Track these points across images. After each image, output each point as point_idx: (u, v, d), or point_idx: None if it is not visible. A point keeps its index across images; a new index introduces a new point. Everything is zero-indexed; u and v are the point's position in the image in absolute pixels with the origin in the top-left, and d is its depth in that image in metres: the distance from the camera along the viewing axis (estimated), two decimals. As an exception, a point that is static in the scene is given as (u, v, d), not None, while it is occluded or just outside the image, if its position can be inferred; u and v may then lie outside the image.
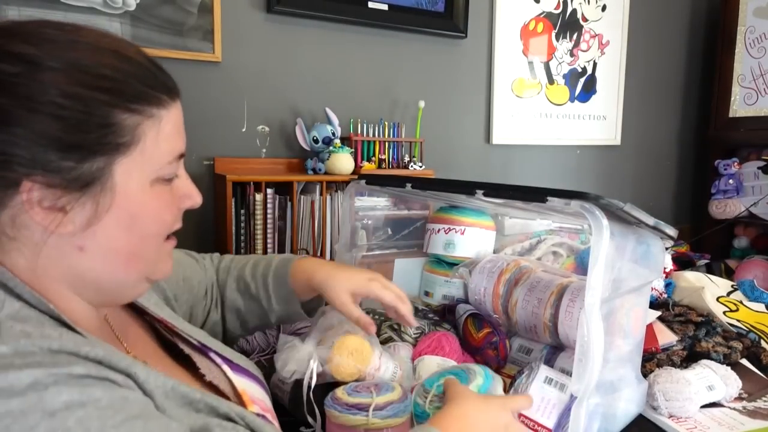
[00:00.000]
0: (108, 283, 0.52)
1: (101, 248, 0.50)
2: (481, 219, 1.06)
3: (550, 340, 0.88)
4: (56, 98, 0.44)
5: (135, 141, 0.49)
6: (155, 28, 1.79)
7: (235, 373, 0.66)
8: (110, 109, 0.47)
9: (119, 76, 0.47)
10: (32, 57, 0.44)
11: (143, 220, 0.51)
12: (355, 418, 0.64)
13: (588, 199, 0.64)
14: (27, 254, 0.48)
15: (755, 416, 0.83)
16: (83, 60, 0.46)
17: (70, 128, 0.45)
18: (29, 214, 0.46)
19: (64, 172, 0.45)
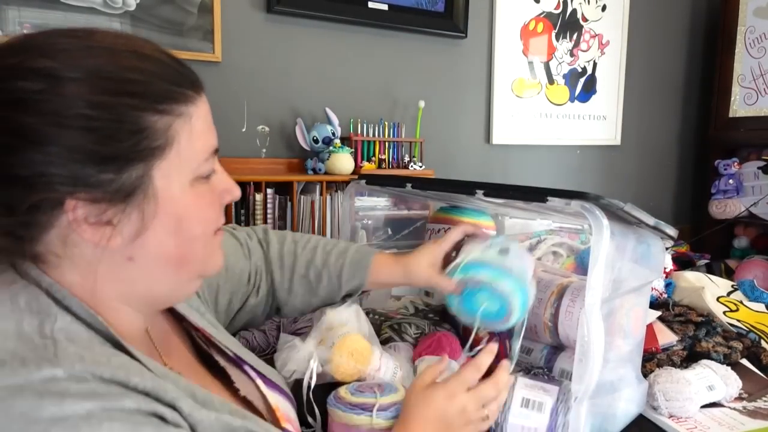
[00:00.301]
0: (160, 289, 0.52)
1: (151, 256, 0.49)
2: (481, 219, 1.06)
3: (551, 340, 0.88)
4: (84, 110, 0.43)
5: (169, 143, 0.47)
6: (155, 28, 1.79)
7: (268, 388, 0.65)
8: (140, 113, 0.45)
9: (143, 78, 0.46)
10: (51, 70, 0.43)
11: (189, 221, 0.50)
12: (358, 418, 0.64)
13: (588, 199, 0.64)
14: (77, 271, 0.47)
15: (755, 416, 0.83)
16: (103, 66, 0.44)
17: (103, 139, 0.44)
18: (77, 232, 0.45)
19: (105, 185, 0.44)
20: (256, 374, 0.66)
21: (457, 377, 0.64)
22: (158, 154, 0.47)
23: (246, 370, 0.66)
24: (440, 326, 0.99)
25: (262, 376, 0.67)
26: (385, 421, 0.64)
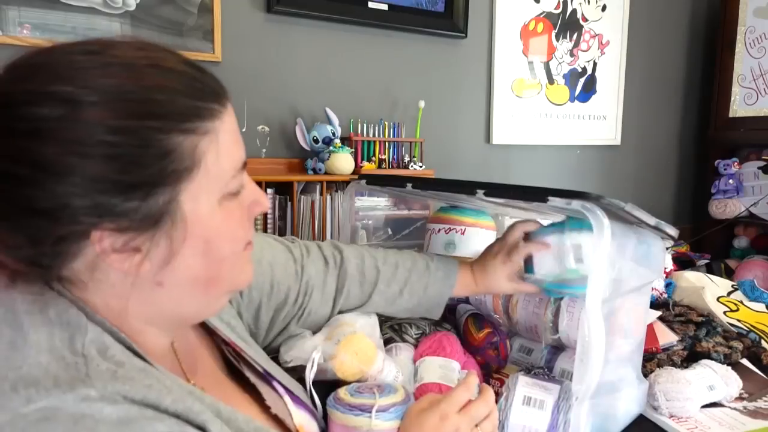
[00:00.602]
0: (188, 310, 0.51)
1: (180, 280, 0.48)
2: (481, 219, 1.06)
3: (551, 341, 0.88)
4: (105, 136, 0.40)
5: (196, 163, 0.45)
6: (155, 29, 1.79)
7: (295, 406, 0.65)
8: (164, 135, 0.43)
9: (166, 96, 0.43)
10: (69, 95, 0.40)
11: (218, 242, 0.48)
12: (357, 419, 0.64)
13: (589, 199, 0.64)
14: (103, 295, 0.47)
15: (756, 416, 0.83)
16: (124, 86, 0.42)
17: (127, 166, 0.41)
18: (105, 261, 0.44)
19: (131, 214, 0.42)
20: (284, 391, 0.65)
21: (448, 399, 0.63)
22: (185, 176, 0.44)
23: (275, 386, 0.65)
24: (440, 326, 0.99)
25: (290, 392, 0.66)
26: (384, 423, 0.64)
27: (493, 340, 0.89)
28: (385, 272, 0.83)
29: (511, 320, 0.93)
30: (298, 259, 0.80)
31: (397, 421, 0.65)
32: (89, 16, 1.68)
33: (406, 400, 0.67)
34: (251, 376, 0.62)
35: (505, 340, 0.90)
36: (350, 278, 0.82)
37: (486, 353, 0.88)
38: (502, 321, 0.96)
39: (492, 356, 0.88)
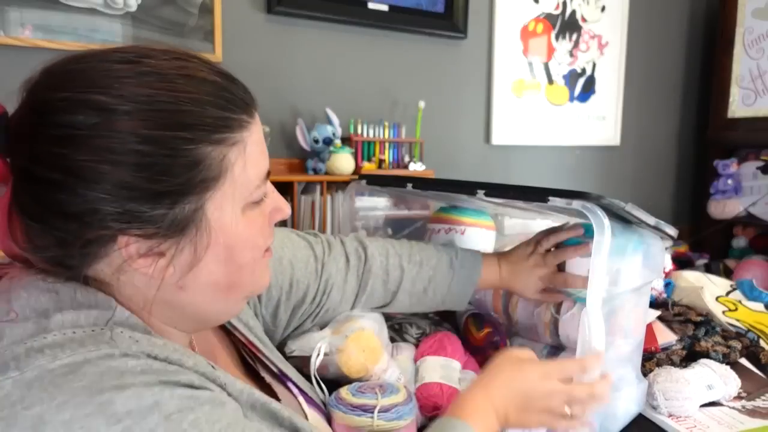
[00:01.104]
0: (208, 314, 0.53)
1: (201, 285, 0.49)
2: (481, 219, 1.06)
3: (551, 341, 0.88)
4: (138, 146, 0.42)
5: (223, 173, 0.46)
6: (156, 29, 1.79)
7: (309, 406, 0.66)
8: (195, 146, 0.44)
9: (198, 107, 0.44)
10: (103, 104, 0.42)
11: (240, 250, 0.50)
12: (359, 420, 0.64)
13: (590, 199, 0.64)
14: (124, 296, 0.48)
15: (754, 415, 0.84)
16: (157, 96, 0.43)
17: (157, 175, 0.43)
18: (130, 266, 0.46)
19: (158, 221, 0.44)
20: (298, 391, 0.66)
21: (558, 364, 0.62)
22: (212, 185, 0.46)
23: (289, 386, 0.66)
24: (441, 326, 0.99)
25: (304, 393, 0.67)
26: (386, 423, 0.64)
27: (493, 340, 0.89)
28: (410, 271, 0.83)
29: (511, 320, 0.94)
30: (319, 257, 0.80)
31: (398, 421, 0.65)
32: (90, 16, 1.68)
33: (408, 401, 0.68)
34: (266, 375, 0.63)
35: (505, 340, 0.90)
36: (374, 277, 0.82)
37: (486, 353, 0.89)
38: (501, 320, 0.96)
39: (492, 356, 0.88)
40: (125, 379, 0.40)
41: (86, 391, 0.38)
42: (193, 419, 0.41)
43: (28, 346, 0.40)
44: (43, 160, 0.42)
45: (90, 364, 0.40)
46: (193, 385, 0.43)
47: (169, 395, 0.41)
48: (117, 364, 0.40)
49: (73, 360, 0.40)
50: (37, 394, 0.38)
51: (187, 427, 0.40)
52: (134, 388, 0.40)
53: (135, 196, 0.42)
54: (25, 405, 0.38)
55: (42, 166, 0.42)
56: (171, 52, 0.47)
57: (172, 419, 0.40)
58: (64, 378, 0.39)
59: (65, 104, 0.42)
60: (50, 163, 0.42)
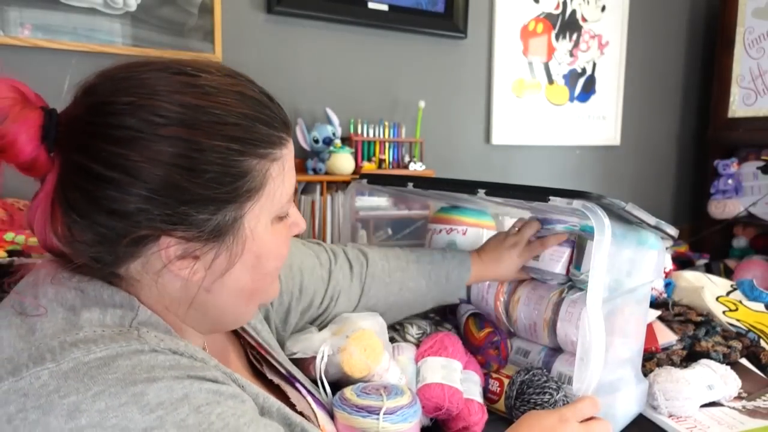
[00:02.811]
0: (228, 318, 0.55)
1: (227, 289, 0.52)
2: (482, 219, 1.06)
3: (548, 342, 0.88)
4: (193, 153, 0.45)
5: (263, 185, 0.49)
6: (156, 29, 1.79)
7: (317, 407, 0.67)
8: (243, 158, 0.47)
9: (248, 123, 0.47)
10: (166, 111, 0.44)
11: (267, 259, 0.53)
12: (365, 421, 0.64)
13: (590, 199, 0.64)
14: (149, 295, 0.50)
15: (755, 415, 0.83)
16: (213, 108, 0.46)
17: (208, 182, 0.45)
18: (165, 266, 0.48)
19: (201, 225, 0.46)
20: (306, 392, 0.67)
21: (572, 406, 0.65)
22: (253, 196, 0.49)
23: (298, 388, 0.67)
24: (441, 326, 0.99)
25: (311, 394, 0.68)
26: (392, 425, 0.64)
27: (493, 340, 0.89)
28: (410, 270, 0.88)
29: (511, 319, 0.94)
30: (324, 264, 0.83)
31: (403, 423, 0.65)
32: (90, 16, 1.68)
33: (413, 403, 0.67)
34: (275, 377, 0.64)
35: (505, 340, 0.90)
36: (377, 280, 0.86)
37: (487, 353, 0.88)
38: (500, 320, 0.96)
39: (493, 356, 0.88)
40: (156, 372, 0.42)
41: (120, 383, 0.40)
42: (221, 412, 0.43)
43: (62, 340, 0.42)
44: (102, 159, 0.43)
45: (122, 357, 0.42)
46: (217, 380, 0.46)
47: (198, 389, 0.43)
48: (147, 359, 0.42)
49: (107, 354, 0.42)
50: (73, 385, 0.40)
51: (215, 419, 0.42)
52: (165, 380, 0.42)
53: (185, 199, 0.45)
54: (62, 394, 0.39)
55: (100, 164, 0.43)
56: (222, 69, 0.50)
57: (201, 411, 0.42)
58: (98, 370, 0.41)
59: (130, 108, 0.44)
60: (110, 162, 0.43)
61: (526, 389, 0.78)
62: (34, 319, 0.44)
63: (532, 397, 0.77)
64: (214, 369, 0.47)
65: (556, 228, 0.88)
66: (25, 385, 0.40)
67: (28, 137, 0.43)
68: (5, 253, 1.16)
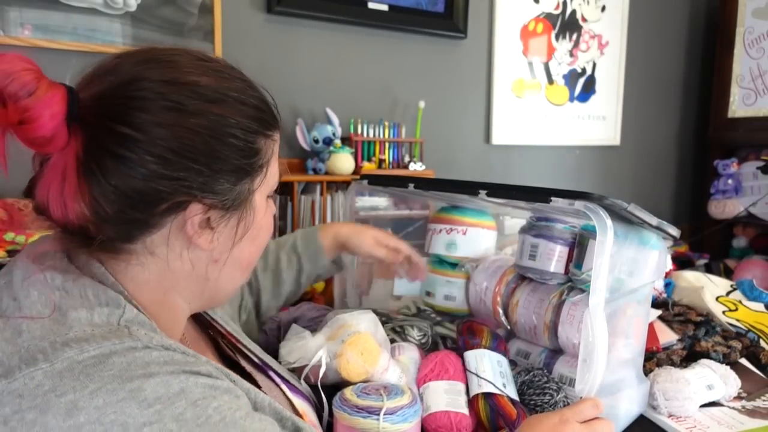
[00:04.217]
0: (222, 291, 0.58)
1: (231, 260, 0.55)
2: (482, 219, 1.06)
3: (549, 343, 0.88)
4: (231, 128, 0.50)
5: (267, 163, 0.55)
6: (156, 29, 1.79)
7: (293, 394, 0.67)
8: (258, 136, 0.53)
9: (260, 105, 0.54)
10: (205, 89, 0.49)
11: (264, 232, 0.58)
12: (365, 422, 0.63)
13: (592, 200, 0.64)
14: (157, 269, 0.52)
15: (754, 415, 0.84)
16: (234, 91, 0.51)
17: (234, 153, 0.50)
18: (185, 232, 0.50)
19: (224, 194, 0.51)
20: (280, 380, 0.68)
21: (573, 407, 0.66)
22: (261, 172, 0.55)
23: (271, 375, 0.67)
24: (442, 325, 0.99)
25: (286, 381, 0.69)
26: (392, 425, 0.64)
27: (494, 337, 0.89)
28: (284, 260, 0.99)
29: (511, 321, 0.94)
30: None
31: (404, 423, 0.65)
32: (90, 16, 1.68)
33: (413, 403, 0.67)
34: (247, 365, 0.65)
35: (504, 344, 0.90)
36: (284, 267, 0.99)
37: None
38: (500, 322, 0.96)
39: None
40: (151, 368, 0.42)
41: (117, 379, 0.41)
42: (217, 405, 0.44)
43: (52, 341, 0.42)
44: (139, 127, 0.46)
45: (117, 355, 0.42)
46: (211, 375, 0.46)
47: (194, 383, 0.44)
48: (141, 355, 0.43)
49: (101, 352, 0.42)
50: (69, 383, 0.40)
51: (212, 412, 0.43)
52: (161, 376, 0.42)
53: (214, 165, 0.49)
54: (58, 393, 0.40)
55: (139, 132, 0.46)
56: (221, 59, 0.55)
57: (198, 404, 0.43)
58: (94, 368, 0.41)
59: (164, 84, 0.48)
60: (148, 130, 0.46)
61: (527, 390, 0.78)
62: (18, 321, 0.44)
63: (532, 398, 0.77)
64: (206, 364, 0.48)
65: (556, 227, 0.88)
66: (19, 386, 0.40)
67: (52, 114, 0.44)
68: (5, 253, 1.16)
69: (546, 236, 0.87)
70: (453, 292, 1.05)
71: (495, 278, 0.97)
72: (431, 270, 1.10)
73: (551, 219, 0.89)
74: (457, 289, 1.05)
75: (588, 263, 0.79)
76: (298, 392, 0.69)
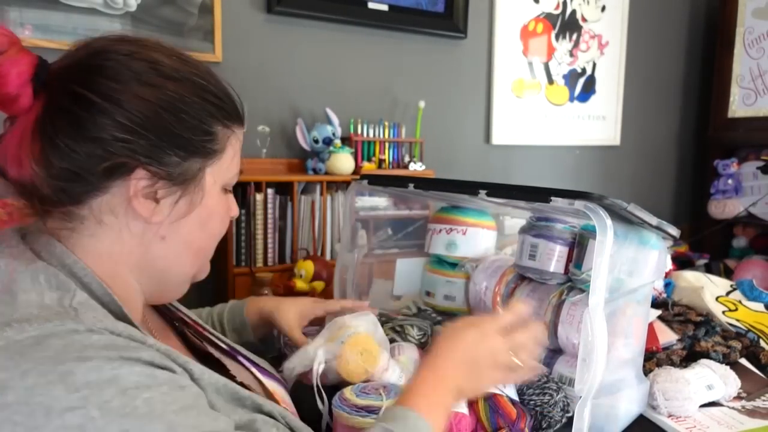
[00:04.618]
0: (172, 275, 0.59)
1: (180, 240, 0.57)
2: (482, 219, 1.06)
3: (549, 343, 0.88)
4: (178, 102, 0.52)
5: (222, 151, 0.57)
6: (156, 29, 1.79)
7: (264, 376, 0.68)
8: (214, 121, 0.56)
9: (221, 94, 0.57)
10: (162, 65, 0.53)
11: (214, 220, 0.59)
12: (364, 421, 0.64)
13: (592, 199, 0.64)
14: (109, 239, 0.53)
15: (754, 415, 0.84)
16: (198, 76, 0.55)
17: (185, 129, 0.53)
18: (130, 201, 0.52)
19: (171, 166, 0.52)
20: (250, 363, 0.69)
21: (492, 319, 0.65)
22: (214, 156, 0.57)
23: (241, 360, 0.68)
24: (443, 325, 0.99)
25: (256, 365, 0.70)
26: None
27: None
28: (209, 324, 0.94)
29: (512, 320, 0.94)
30: None
31: None
32: (90, 16, 1.68)
33: None
34: (215, 352, 0.66)
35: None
36: None
37: None
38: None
39: None
40: (88, 352, 0.42)
41: (50, 361, 0.41)
42: (148, 397, 0.43)
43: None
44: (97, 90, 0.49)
45: (55, 336, 0.42)
46: (153, 363, 0.45)
47: (129, 371, 0.43)
48: (81, 338, 0.43)
49: (40, 333, 0.42)
50: (3, 363, 0.41)
51: (140, 403, 0.42)
52: (95, 360, 0.42)
53: (164, 136, 0.51)
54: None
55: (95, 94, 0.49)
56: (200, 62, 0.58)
57: (127, 394, 0.42)
58: (30, 348, 0.41)
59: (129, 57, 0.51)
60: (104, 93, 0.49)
61: (527, 389, 0.78)
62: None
63: (532, 398, 0.77)
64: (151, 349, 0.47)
65: (556, 227, 0.87)
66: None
67: (18, 72, 0.48)
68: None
69: (546, 236, 0.87)
70: (453, 292, 1.05)
71: (495, 278, 0.97)
72: (431, 270, 1.10)
73: (551, 219, 0.89)
74: (457, 289, 1.05)
75: (588, 263, 0.79)
76: (271, 375, 0.70)
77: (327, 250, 1.91)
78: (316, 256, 1.81)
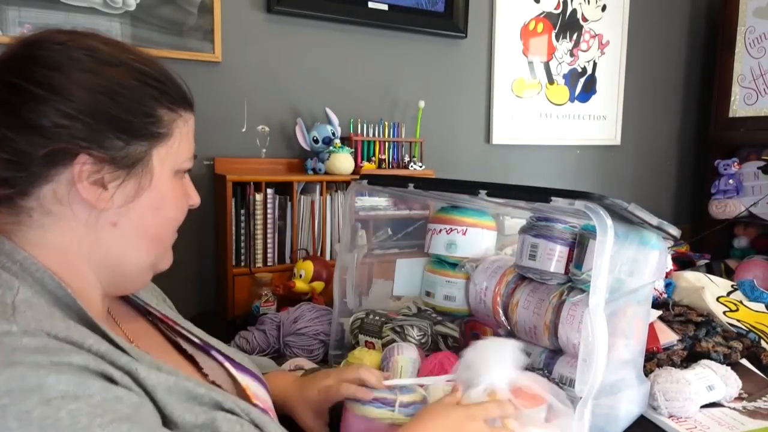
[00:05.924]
0: (128, 263, 0.58)
1: (132, 226, 0.56)
2: (482, 219, 1.06)
3: (549, 343, 0.88)
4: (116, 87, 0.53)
5: (169, 134, 0.58)
6: (155, 29, 1.79)
7: (237, 371, 0.67)
8: (157, 104, 0.56)
9: (164, 80, 0.58)
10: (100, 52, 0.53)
11: (168, 204, 0.59)
12: (379, 411, 0.64)
13: (592, 199, 0.64)
14: (57, 230, 0.52)
15: (755, 416, 0.83)
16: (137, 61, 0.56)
17: (125, 113, 0.53)
18: (76, 188, 0.51)
19: (115, 150, 0.53)
20: (224, 358, 0.68)
21: (480, 405, 0.65)
22: (160, 139, 0.57)
23: (214, 355, 0.68)
24: (443, 325, 0.99)
25: (231, 359, 0.69)
26: (405, 418, 0.64)
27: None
28: None
29: (510, 321, 0.94)
30: None
31: None
32: (89, 16, 1.68)
33: (425, 402, 0.68)
34: (188, 347, 0.65)
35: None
36: None
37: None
38: (500, 322, 0.96)
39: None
40: (15, 356, 0.40)
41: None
42: (74, 409, 0.40)
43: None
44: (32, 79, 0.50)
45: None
46: (88, 368, 0.43)
47: (56, 380, 0.41)
48: (10, 341, 0.41)
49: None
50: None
51: (64, 415, 0.40)
52: (21, 367, 0.40)
53: (104, 120, 0.52)
54: None
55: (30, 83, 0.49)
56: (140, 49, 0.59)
57: (51, 404, 0.40)
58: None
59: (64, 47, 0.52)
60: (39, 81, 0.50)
61: (527, 390, 0.77)
62: None
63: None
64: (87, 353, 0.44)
65: (556, 227, 0.87)
66: None
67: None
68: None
69: (546, 236, 0.87)
70: (453, 292, 1.05)
71: (495, 278, 0.97)
72: (431, 270, 1.09)
73: (551, 219, 0.89)
74: (457, 289, 1.05)
75: (588, 263, 0.79)
76: (245, 370, 0.69)
77: (327, 250, 1.91)
78: (316, 257, 1.80)
